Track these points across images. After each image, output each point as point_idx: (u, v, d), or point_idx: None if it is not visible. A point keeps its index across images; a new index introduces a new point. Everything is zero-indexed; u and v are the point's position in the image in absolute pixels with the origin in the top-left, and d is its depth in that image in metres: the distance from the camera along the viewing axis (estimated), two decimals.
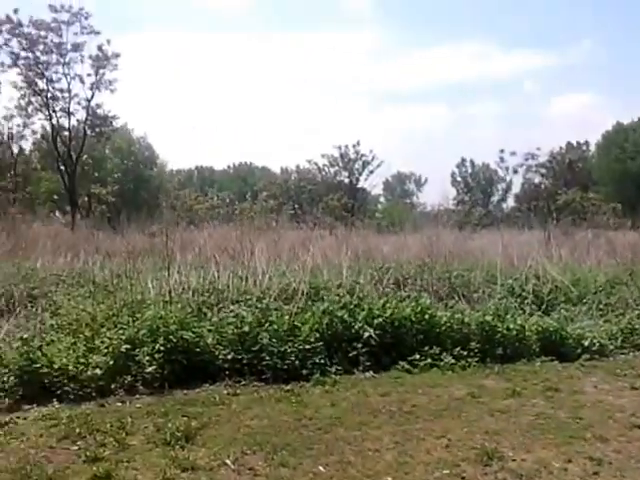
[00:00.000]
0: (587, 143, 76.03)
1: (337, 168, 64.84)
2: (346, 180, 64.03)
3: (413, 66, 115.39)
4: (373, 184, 66.57)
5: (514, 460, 5.85)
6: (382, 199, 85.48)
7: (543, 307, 12.21)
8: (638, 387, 8.39)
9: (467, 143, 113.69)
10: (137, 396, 7.90)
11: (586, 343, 10.37)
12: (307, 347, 8.94)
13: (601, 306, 12.77)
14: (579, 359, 9.96)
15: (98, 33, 42.44)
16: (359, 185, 64.75)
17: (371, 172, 63.97)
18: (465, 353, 9.64)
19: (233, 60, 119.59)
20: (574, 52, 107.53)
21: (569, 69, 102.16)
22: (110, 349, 8.40)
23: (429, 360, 9.38)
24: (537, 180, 63.08)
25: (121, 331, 8.84)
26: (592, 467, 5.71)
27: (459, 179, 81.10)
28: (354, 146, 63.43)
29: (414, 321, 9.95)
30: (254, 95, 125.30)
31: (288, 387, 8.18)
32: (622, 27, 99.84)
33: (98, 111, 45.02)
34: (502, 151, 66.86)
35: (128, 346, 8.45)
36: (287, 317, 9.56)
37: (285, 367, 8.60)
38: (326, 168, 65.73)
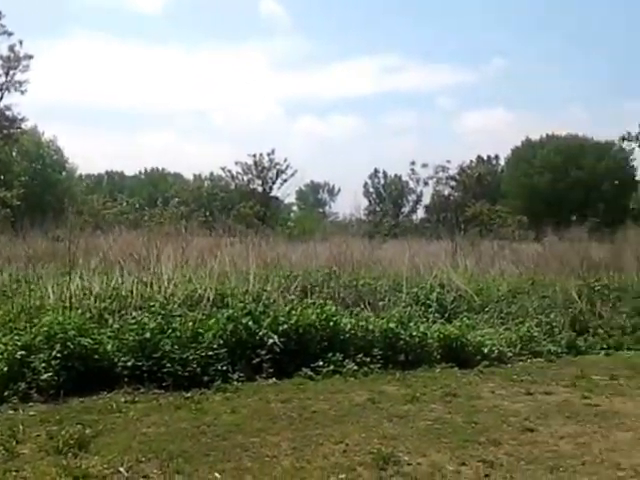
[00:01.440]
0: (497, 157, 78.57)
1: (251, 176, 64.57)
2: (259, 188, 63.89)
3: (330, 77, 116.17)
4: (286, 193, 66.68)
5: (409, 464, 5.92)
6: (295, 208, 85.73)
7: (446, 315, 12.47)
8: (533, 392, 8.66)
9: (381, 155, 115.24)
10: (31, 404, 7.63)
11: (486, 350, 10.66)
12: (210, 354, 8.85)
13: (502, 314, 13.13)
14: (478, 365, 10.22)
15: (11, 34, 41.49)
16: (272, 193, 64.70)
17: (284, 181, 64.04)
18: (368, 360, 9.73)
19: (149, 67, 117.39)
20: (486, 69, 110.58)
21: (482, 85, 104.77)
22: (4, 355, 8.11)
23: (332, 367, 9.43)
24: (447, 192, 64.58)
25: (17, 337, 8.55)
26: (484, 470, 5.84)
27: (371, 190, 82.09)
28: (268, 154, 63.28)
29: (319, 328, 9.99)
30: (170, 100, 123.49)
31: (188, 394, 8.07)
32: (532, 45, 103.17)
33: (7, 113, 43.67)
34: (413, 163, 68.16)
35: (23, 352, 8.18)
36: (191, 324, 9.45)
37: (186, 374, 8.48)
38: (240, 176, 65.40)
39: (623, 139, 59.77)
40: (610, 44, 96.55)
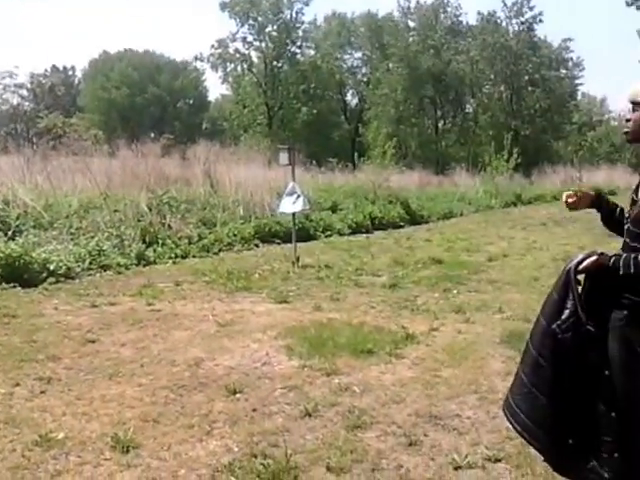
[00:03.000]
0: (74, 69, 75.66)
1: None
2: None
3: None
4: None
5: None
6: None
7: (10, 233, 11.72)
8: (98, 305, 8.56)
9: None
10: None
11: (52, 267, 10.25)
12: None
13: (73, 230, 12.78)
14: (44, 283, 9.80)
15: None
16: None
17: None
18: None
19: None
20: None
21: None
22: None
23: None
24: (16, 102, 60.15)
25: None
26: (40, 387, 5.57)
27: None
28: None
29: None
30: None
31: None
32: None
33: None
34: None
35: None
36: None
37: None
38: None
39: (196, 59, 62.29)
40: None
